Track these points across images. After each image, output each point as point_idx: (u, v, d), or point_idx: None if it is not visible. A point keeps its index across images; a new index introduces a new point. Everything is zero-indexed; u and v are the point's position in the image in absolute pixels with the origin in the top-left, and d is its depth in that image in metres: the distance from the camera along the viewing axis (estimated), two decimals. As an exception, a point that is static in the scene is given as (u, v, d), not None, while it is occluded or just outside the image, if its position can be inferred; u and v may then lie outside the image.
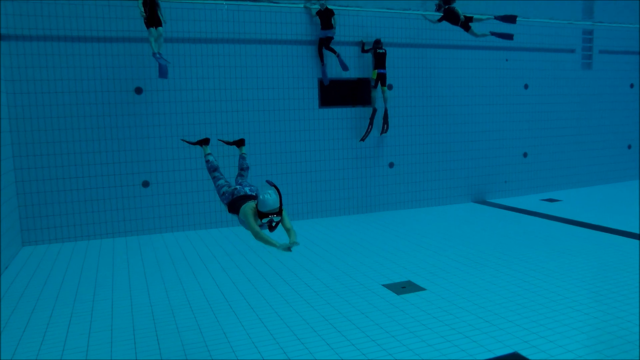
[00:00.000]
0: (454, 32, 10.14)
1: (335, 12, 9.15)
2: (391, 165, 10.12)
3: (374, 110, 9.64)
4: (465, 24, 9.55)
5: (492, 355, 4.14)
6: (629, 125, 12.88)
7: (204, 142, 5.49)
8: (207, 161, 5.23)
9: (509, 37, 9.82)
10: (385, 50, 9.51)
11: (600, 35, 12.20)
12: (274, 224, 4.02)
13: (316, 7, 9.11)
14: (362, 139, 9.65)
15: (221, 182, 4.86)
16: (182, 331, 4.73)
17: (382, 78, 9.52)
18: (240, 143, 5.69)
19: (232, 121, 8.86)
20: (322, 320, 4.92)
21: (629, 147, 12.91)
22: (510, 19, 9.82)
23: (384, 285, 5.88)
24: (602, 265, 6.34)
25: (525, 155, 11.44)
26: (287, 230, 4.21)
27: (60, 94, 7.93)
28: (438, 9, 9.82)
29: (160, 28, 7.82)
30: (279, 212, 4.01)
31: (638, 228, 8.08)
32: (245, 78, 8.91)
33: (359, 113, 9.81)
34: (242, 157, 5.40)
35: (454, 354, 4.17)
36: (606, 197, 11.00)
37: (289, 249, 3.88)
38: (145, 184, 8.51)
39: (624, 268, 6.21)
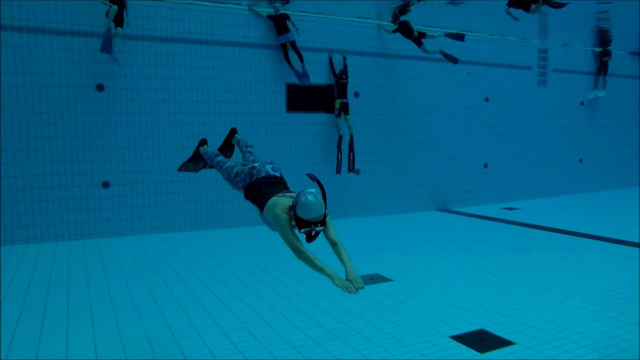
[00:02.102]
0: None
1: (296, 18, 9.28)
2: (357, 172, 10.21)
3: (340, 137, 9.80)
4: (418, 39, 9.84)
5: (459, 332, 4.20)
6: (581, 141, 13.45)
7: (201, 144, 4.83)
8: (206, 153, 4.66)
9: (454, 60, 10.11)
10: (347, 81, 9.72)
11: (554, 54, 12.79)
12: (313, 234, 3.15)
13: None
14: (338, 172, 9.77)
15: (230, 163, 4.11)
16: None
17: (344, 107, 9.68)
18: (232, 135, 4.93)
19: (198, 122, 8.79)
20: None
21: (580, 160, 13.45)
22: (459, 37, 10.15)
23: (351, 277, 5.88)
24: (553, 258, 6.59)
25: (486, 165, 11.76)
26: (333, 244, 3.22)
27: (22, 88, 7.70)
28: (394, 20, 10.07)
29: (119, 29, 7.76)
30: (323, 221, 3.12)
31: (585, 229, 8.40)
32: (212, 80, 8.89)
33: (327, 119, 9.91)
34: (240, 141, 4.81)
35: (423, 332, 4.24)
36: (561, 206, 11.37)
37: (349, 288, 2.97)
38: (106, 184, 8.29)
39: (572, 259, 6.51)
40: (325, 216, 3.11)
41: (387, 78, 10.45)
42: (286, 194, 3.49)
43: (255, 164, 3.80)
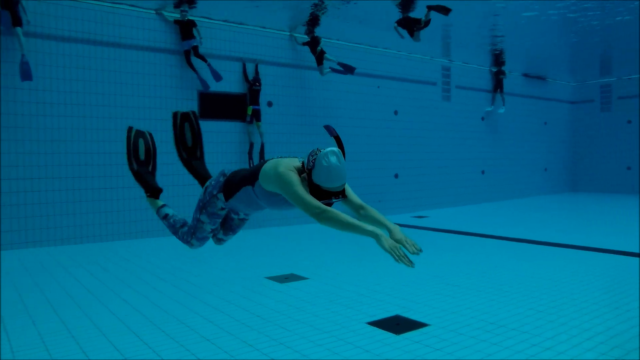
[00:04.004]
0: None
1: (207, 25, 9.19)
2: (271, 181, 10.14)
3: (251, 145, 9.74)
4: (319, 57, 10.13)
5: (376, 319, 4.24)
6: (482, 153, 14.31)
7: (153, 194, 3.57)
8: (166, 216, 3.39)
9: (350, 69, 10.32)
10: (260, 88, 9.73)
11: (456, 72, 13.60)
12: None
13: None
14: None
15: (181, 218, 3.35)
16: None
17: (256, 114, 9.67)
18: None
19: (105, 128, 8.34)
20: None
21: (483, 172, 14.29)
22: (349, 69, 10.41)
23: (268, 277, 5.80)
24: (460, 256, 6.90)
25: (396, 176, 12.16)
26: (360, 209, 2.62)
27: None
28: (307, 33, 10.28)
29: (19, 28, 7.28)
30: (343, 191, 2.49)
31: (491, 231, 8.92)
32: (120, 84, 8.51)
33: (239, 127, 9.80)
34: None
35: (341, 320, 4.24)
36: (466, 214, 11.97)
37: (401, 251, 2.30)
38: (-1, 193, 7.62)
39: (477, 255, 6.83)
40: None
41: (300, 89, 10.56)
42: (284, 156, 2.77)
43: (221, 170, 3.10)
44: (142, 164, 3.73)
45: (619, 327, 3.92)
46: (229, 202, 2.96)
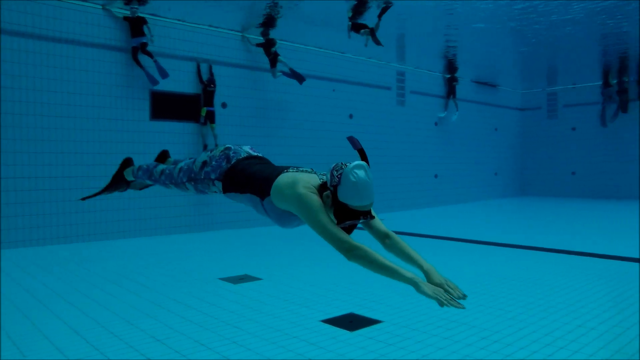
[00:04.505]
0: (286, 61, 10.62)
1: (160, 24, 9.03)
2: (225, 183, 10.01)
3: (205, 147, 9.60)
4: (273, 59, 10.13)
5: (330, 317, 4.24)
6: (435, 158, 14.59)
7: (125, 165, 3.49)
8: (139, 169, 3.30)
9: (300, 79, 10.39)
10: (214, 89, 9.62)
11: (410, 77, 13.84)
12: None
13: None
14: None
15: (184, 163, 2.98)
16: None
17: (210, 116, 9.55)
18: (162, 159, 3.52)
19: (49, 127, 8.02)
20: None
21: (436, 176, 14.57)
22: (299, 78, 10.46)
23: (221, 279, 5.71)
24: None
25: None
26: (385, 237, 2.42)
27: None
28: (263, 34, 10.24)
29: None
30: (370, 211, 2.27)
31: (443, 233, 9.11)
32: (67, 81, 8.20)
33: (193, 129, 9.65)
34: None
35: (295, 319, 4.21)
36: (420, 217, 12.17)
37: (447, 299, 2.05)
38: None
39: (428, 254, 6.93)
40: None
41: (254, 90, 10.49)
42: (300, 169, 2.50)
43: (228, 145, 2.84)
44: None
45: (561, 321, 4.07)
46: (227, 195, 2.68)
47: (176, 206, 9.39)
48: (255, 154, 2.80)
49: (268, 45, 10.15)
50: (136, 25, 8.67)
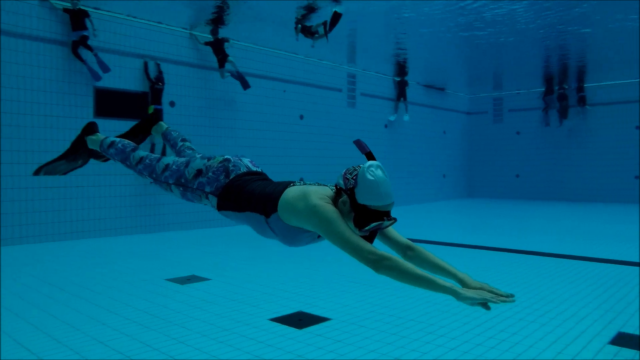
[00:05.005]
0: (236, 60, 10.51)
1: (104, 18, 8.77)
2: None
3: (152, 146, 9.34)
4: (222, 59, 10.01)
5: (278, 315, 4.21)
6: (384, 160, 14.71)
7: (88, 131, 3.18)
8: (109, 145, 2.99)
9: (245, 85, 10.35)
10: (162, 87, 9.40)
11: (361, 80, 13.99)
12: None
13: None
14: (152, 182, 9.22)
15: (172, 161, 2.72)
16: None
17: (158, 114, 9.34)
18: (152, 122, 3.39)
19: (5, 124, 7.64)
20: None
21: (387, 178, 14.75)
22: (244, 84, 10.38)
23: (168, 279, 5.57)
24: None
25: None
26: (407, 249, 2.25)
27: None
28: (213, 33, 10.10)
29: None
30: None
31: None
32: (8, 75, 7.82)
33: (140, 127, 9.38)
34: (172, 133, 3.37)
35: (243, 318, 4.16)
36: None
37: (493, 299, 1.88)
38: None
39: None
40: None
41: (204, 89, 10.33)
42: (306, 183, 2.32)
43: (227, 156, 2.57)
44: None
45: (502, 316, 4.20)
46: (221, 212, 2.47)
47: (123, 207, 9.11)
48: (255, 168, 2.61)
49: (217, 44, 10.01)
50: (77, 18, 8.34)
